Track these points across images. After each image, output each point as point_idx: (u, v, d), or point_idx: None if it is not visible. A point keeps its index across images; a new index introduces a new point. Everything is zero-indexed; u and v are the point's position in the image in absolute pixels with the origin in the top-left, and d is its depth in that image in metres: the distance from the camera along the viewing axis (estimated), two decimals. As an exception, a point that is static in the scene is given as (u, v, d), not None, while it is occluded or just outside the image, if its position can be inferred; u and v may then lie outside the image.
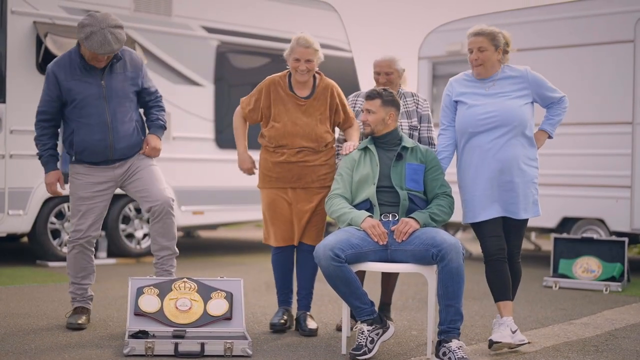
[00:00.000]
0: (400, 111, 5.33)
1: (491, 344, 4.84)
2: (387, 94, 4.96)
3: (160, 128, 5.45)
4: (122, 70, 5.25)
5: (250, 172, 5.40)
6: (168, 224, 5.33)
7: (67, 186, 5.38)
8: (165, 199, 5.30)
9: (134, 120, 5.32)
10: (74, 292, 5.36)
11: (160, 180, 5.37)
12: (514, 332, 4.92)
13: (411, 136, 5.33)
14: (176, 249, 5.40)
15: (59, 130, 5.32)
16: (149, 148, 5.36)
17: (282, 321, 5.28)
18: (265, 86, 5.29)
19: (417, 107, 5.41)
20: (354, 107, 5.45)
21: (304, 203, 5.23)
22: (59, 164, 5.35)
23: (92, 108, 5.15)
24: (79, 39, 5.06)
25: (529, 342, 5.01)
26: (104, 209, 5.34)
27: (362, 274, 5.27)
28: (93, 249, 5.38)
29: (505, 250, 4.96)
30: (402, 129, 5.29)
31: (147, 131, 5.45)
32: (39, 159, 5.28)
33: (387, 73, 5.35)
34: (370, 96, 4.96)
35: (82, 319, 5.23)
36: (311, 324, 5.29)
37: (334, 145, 5.49)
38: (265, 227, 5.38)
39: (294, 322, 5.39)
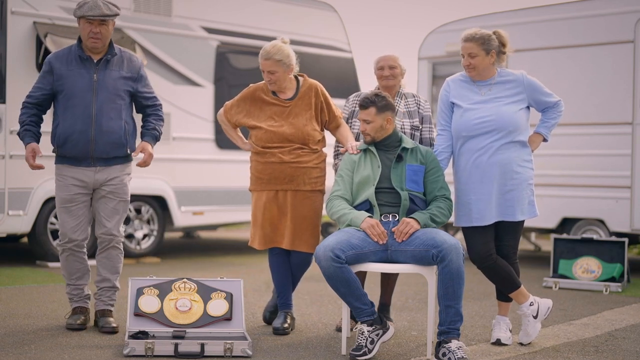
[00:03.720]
0: (402, 111, 5.33)
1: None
2: (379, 99, 4.91)
3: (155, 139, 5.37)
4: (118, 68, 5.23)
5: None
6: (113, 255, 5.31)
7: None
8: (117, 234, 5.28)
9: (123, 120, 5.24)
10: (70, 292, 5.34)
11: (123, 217, 5.32)
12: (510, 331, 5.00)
13: (412, 136, 5.32)
14: (117, 284, 5.35)
15: (42, 117, 5.29)
16: (145, 155, 5.25)
17: (286, 325, 5.28)
18: (250, 93, 5.32)
19: (418, 108, 5.40)
20: (355, 107, 5.44)
21: (296, 208, 5.20)
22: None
23: (79, 99, 5.12)
24: (76, 15, 5.12)
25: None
26: (86, 212, 5.27)
27: (363, 275, 5.28)
28: (84, 250, 5.33)
29: (492, 253, 4.97)
30: (404, 128, 5.29)
31: (133, 138, 5.35)
32: (21, 139, 5.20)
33: (391, 67, 5.34)
34: (363, 106, 4.91)
35: (81, 319, 5.23)
36: (284, 324, 5.31)
37: (336, 147, 5.49)
38: (254, 230, 5.36)
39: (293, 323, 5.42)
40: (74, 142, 5.13)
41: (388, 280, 5.60)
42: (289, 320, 5.32)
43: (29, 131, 5.20)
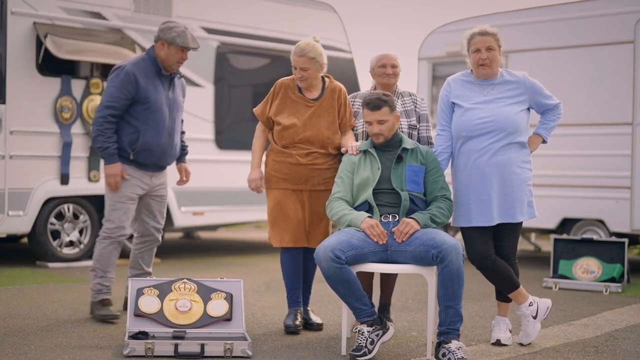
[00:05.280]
0: (399, 110, 5.33)
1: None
2: (389, 98, 4.91)
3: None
4: (179, 89, 5.74)
5: (257, 189, 5.35)
6: (154, 251, 5.84)
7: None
8: (161, 231, 5.83)
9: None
10: (101, 284, 5.54)
11: (164, 213, 5.86)
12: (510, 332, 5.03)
13: (410, 135, 5.32)
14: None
15: None
16: (188, 177, 6.02)
17: (297, 323, 5.30)
18: (276, 89, 5.34)
19: (415, 107, 5.40)
20: (352, 108, 5.44)
21: (311, 207, 5.25)
22: None
23: (161, 114, 5.52)
24: (169, 39, 5.47)
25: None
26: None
27: (370, 275, 5.30)
28: None
29: (491, 253, 4.97)
30: (401, 128, 5.28)
31: None
32: (102, 151, 5.44)
33: (393, 65, 5.34)
34: (377, 106, 4.84)
35: (113, 309, 5.50)
36: (317, 319, 5.47)
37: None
38: (271, 228, 5.37)
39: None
40: (152, 152, 5.55)
41: (387, 281, 5.60)
42: (299, 318, 5.34)
43: (117, 149, 5.49)
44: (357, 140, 5.28)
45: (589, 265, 7.76)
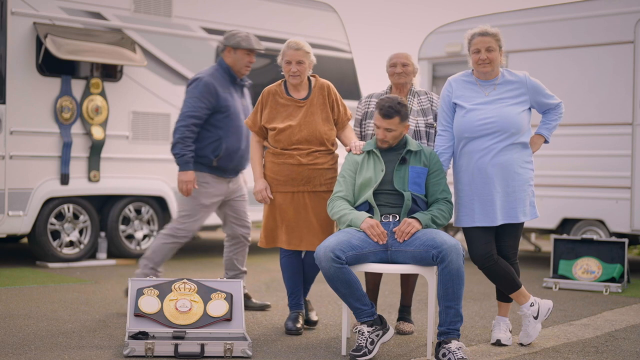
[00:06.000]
0: (416, 109, 5.32)
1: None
2: (403, 107, 4.85)
3: None
4: (246, 94, 6.04)
5: (264, 200, 5.30)
6: (246, 251, 6.09)
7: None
8: (250, 229, 6.10)
9: None
10: (147, 275, 5.85)
11: (247, 211, 6.13)
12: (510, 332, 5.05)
13: (427, 134, 5.29)
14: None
15: None
16: None
17: (299, 326, 5.30)
18: (264, 98, 5.34)
19: (431, 105, 5.38)
20: (367, 108, 5.43)
21: (313, 209, 5.23)
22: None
23: (239, 120, 5.85)
24: (234, 44, 5.83)
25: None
26: None
27: (378, 276, 5.30)
28: None
29: (493, 253, 4.96)
30: (418, 127, 5.27)
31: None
32: (179, 158, 5.71)
33: (403, 64, 5.33)
34: (388, 115, 4.81)
35: None
36: (314, 316, 5.52)
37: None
38: (267, 231, 5.35)
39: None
40: (233, 157, 5.87)
41: (407, 282, 5.58)
42: (301, 321, 5.35)
43: (193, 158, 5.78)
44: (367, 141, 5.26)
45: (589, 266, 7.76)
